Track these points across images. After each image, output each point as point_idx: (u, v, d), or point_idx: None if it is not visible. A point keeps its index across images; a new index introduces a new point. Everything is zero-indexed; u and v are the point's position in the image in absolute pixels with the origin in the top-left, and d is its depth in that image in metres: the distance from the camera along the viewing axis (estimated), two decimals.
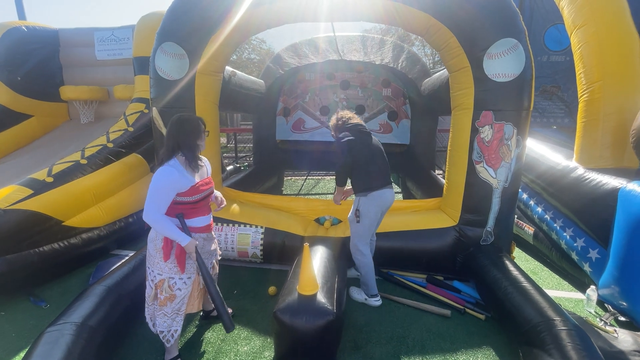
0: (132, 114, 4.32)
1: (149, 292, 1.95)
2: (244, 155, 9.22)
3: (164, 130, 3.10)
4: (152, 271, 1.91)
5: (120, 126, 4.18)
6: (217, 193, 2.18)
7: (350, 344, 2.25)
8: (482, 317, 2.52)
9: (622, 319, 2.49)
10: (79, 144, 4.26)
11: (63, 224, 3.14)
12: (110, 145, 3.88)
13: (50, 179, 3.20)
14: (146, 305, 1.99)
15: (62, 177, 3.29)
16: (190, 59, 3.05)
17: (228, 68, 3.95)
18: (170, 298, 1.91)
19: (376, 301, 2.67)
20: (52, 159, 3.89)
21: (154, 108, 3.17)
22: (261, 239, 3.17)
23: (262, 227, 3.20)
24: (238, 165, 7.34)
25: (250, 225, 3.22)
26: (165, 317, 1.92)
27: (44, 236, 2.97)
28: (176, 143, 1.86)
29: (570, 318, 1.95)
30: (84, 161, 3.55)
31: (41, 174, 3.24)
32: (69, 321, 1.91)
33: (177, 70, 3.04)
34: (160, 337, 1.95)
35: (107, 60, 5.22)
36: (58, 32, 5.31)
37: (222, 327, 2.41)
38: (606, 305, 2.64)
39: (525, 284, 2.32)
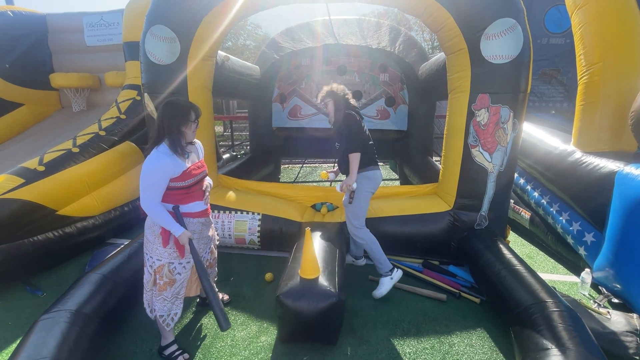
0: (124, 101, 4.24)
1: (147, 278, 1.95)
2: (240, 143, 9.14)
3: (156, 117, 3.05)
4: (151, 257, 1.90)
5: (112, 114, 4.11)
6: (208, 180, 2.10)
7: (347, 328, 2.27)
8: (477, 300, 2.54)
9: (615, 301, 2.51)
10: (71, 132, 4.20)
11: (57, 213, 3.11)
12: (103, 133, 3.82)
13: (41, 168, 3.15)
14: (144, 291, 1.98)
15: (54, 166, 3.24)
16: (181, 42, 2.96)
17: (221, 53, 3.86)
18: (170, 283, 1.92)
19: (396, 272, 2.58)
20: (44, 148, 3.84)
21: (145, 94, 3.10)
22: (258, 226, 3.16)
23: (259, 214, 3.19)
24: (234, 153, 7.28)
25: (247, 212, 3.20)
26: (165, 302, 1.93)
27: (38, 225, 2.95)
28: (162, 127, 1.82)
29: (562, 300, 1.96)
30: (75, 149, 3.50)
31: (32, 163, 3.19)
32: (64, 309, 1.91)
33: (168, 54, 2.96)
34: (160, 322, 1.95)
35: (97, 46, 5.10)
36: (46, 17, 5.16)
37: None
38: (600, 287, 2.66)
39: (519, 267, 2.33)
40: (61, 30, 5.16)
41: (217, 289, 2.33)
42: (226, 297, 2.56)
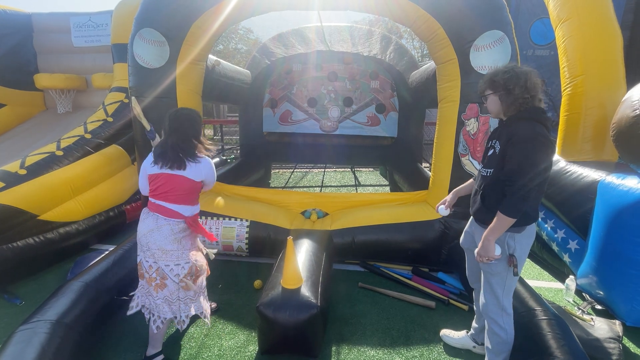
0: (111, 103, 4.15)
1: (172, 289, 1.87)
2: (231, 147, 9.07)
3: (143, 121, 3.00)
4: (178, 264, 1.87)
5: (98, 116, 4.02)
6: None
7: (337, 336, 2.25)
8: (465, 307, 2.55)
9: (598, 307, 2.57)
10: (56, 134, 4.09)
11: (38, 218, 3.01)
12: (88, 136, 3.73)
13: (23, 171, 3.05)
14: (167, 305, 1.88)
15: (37, 170, 3.14)
16: (170, 46, 2.93)
17: (211, 57, 3.84)
18: (198, 276, 1.96)
19: None
20: (28, 150, 3.72)
21: (132, 97, 3.05)
22: (246, 232, 3.12)
23: (247, 221, 3.15)
24: (224, 157, 7.21)
25: (235, 219, 3.16)
26: (202, 296, 2.01)
27: (18, 231, 2.85)
28: (193, 136, 1.92)
29: (550, 308, 1.99)
30: (59, 153, 3.40)
31: (13, 166, 3.09)
32: (44, 319, 1.84)
33: (157, 58, 2.92)
34: (202, 317, 2.01)
35: (85, 47, 5.00)
36: (31, 16, 5.04)
37: (206, 323, 2.37)
38: (584, 294, 2.72)
39: None
40: (47, 30, 5.04)
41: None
42: (214, 305, 2.51)
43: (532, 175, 1.49)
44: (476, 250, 1.67)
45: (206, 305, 2.04)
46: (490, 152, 1.70)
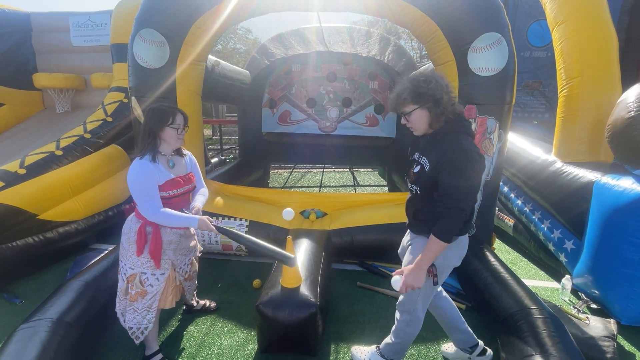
0: (110, 103, 4.16)
1: (121, 286, 1.88)
2: (229, 147, 9.08)
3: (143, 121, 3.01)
4: (125, 265, 1.85)
5: (98, 116, 4.02)
6: (199, 204, 1.98)
7: (335, 335, 2.27)
8: (462, 306, 2.58)
9: (594, 306, 2.60)
10: (54, 134, 4.09)
11: (37, 217, 3.02)
12: (88, 135, 3.74)
13: (22, 171, 3.05)
14: (118, 299, 1.92)
15: (36, 169, 3.15)
16: (170, 46, 2.94)
17: (211, 57, 3.85)
18: (141, 294, 1.84)
19: None
20: (25, 150, 3.73)
21: (132, 97, 3.06)
22: (246, 232, 3.14)
23: (246, 220, 3.17)
24: (223, 157, 7.23)
25: (235, 218, 3.18)
26: (135, 313, 1.85)
27: (17, 230, 2.85)
28: (143, 134, 1.79)
29: (545, 306, 2.02)
30: (59, 152, 3.41)
31: (13, 166, 3.09)
32: (44, 317, 1.85)
33: (157, 58, 2.93)
34: (129, 333, 1.89)
35: (84, 46, 5.01)
36: (30, 15, 5.04)
37: (209, 319, 2.40)
38: (580, 293, 2.75)
39: (504, 274, 2.39)
40: (46, 29, 5.05)
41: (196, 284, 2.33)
42: (213, 304, 2.53)
43: (467, 193, 1.45)
44: (402, 280, 1.56)
45: (143, 326, 1.88)
46: (417, 168, 1.60)
